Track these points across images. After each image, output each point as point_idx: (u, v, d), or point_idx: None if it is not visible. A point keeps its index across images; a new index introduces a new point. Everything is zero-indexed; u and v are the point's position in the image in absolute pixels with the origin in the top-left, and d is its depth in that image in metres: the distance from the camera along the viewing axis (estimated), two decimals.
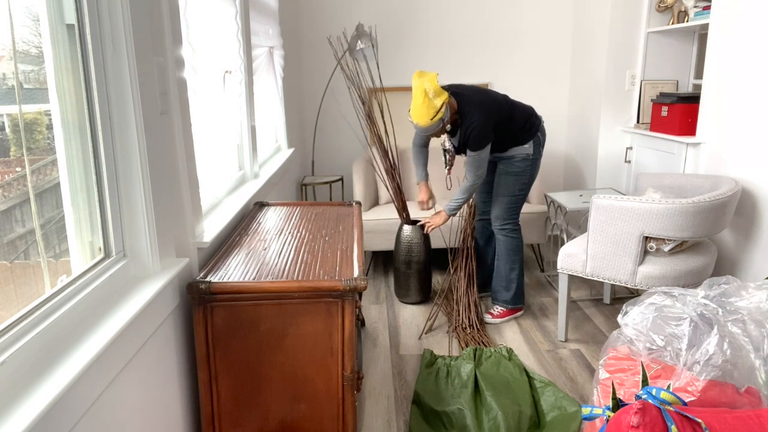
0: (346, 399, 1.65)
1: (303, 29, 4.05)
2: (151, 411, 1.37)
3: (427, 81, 2.47)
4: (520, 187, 2.77)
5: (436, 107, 2.46)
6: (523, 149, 2.72)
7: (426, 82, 2.46)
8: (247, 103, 2.53)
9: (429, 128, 2.53)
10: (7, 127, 1.05)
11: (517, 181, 2.75)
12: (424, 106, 2.46)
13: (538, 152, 2.75)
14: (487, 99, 2.62)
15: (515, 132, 2.68)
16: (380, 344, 2.67)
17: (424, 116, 2.48)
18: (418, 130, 2.59)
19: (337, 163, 4.27)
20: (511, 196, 2.78)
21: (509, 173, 2.75)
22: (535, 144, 2.73)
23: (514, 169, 2.74)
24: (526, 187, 2.79)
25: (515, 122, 2.67)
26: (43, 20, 1.16)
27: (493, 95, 2.67)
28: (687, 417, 1.30)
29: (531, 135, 2.71)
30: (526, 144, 2.71)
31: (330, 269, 1.67)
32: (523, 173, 2.75)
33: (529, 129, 2.70)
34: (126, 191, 1.37)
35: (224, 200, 2.24)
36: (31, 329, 1.02)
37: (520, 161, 2.73)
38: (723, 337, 1.50)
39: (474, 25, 4.05)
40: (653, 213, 2.23)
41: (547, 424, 2.03)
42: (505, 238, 2.84)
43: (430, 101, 2.45)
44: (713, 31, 2.72)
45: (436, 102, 2.45)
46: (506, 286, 2.87)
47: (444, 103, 2.47)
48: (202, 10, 1.96)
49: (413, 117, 2.52)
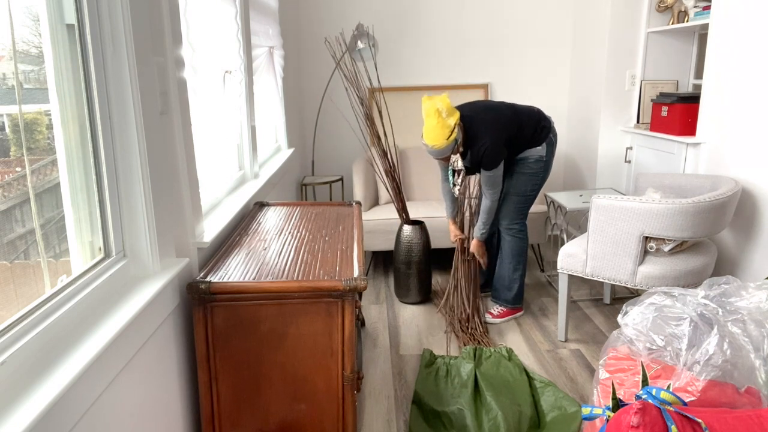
0: (346, 399, 1.65)
1: (303, 29, 4.05)
2: (151, 411, 1.37)
3: (438, 101, 2.44)
4: (532, 187, 2.76)
5: (451, 126, 2.44)
6: (536, 151, 2.71)
7: (438, 102, 2.44)
8: (247, 103, 2.53)
9: (444, 150, 2.49)
10: (7, 127, 1.05)
11: (529, 181, 2.75)
12: (439, 126, 2.43)
13: (550, 153, 2.74)
14: (495, 116, 2.59)
15: (527, 138, 2.67)
16: (380, 344, 2.67)
17: (439, 137, 2.44)
18: (432, 154, 2.54)
19: (337, 163, 4.27)
20: (523, 195, 2.77)
21: (523, 173, 2.74)
22: (548, 145, 2.72)
23: (528, 170, 2.73)
24: (538, 188, 2.79)
25: (525, 131, 2.65)
26: (43, 20, 1.16)
27: (500, 110, 2.63)
28: (687, 417, 1.30)
29: (543, 137, 2.70)
30: (539, 146, 2.70)
31: (330, 269, 1.67)
32: (536, 174, 2.74)
33: (540, 132, 2.69)
34: (126, 191, 1.37)
35: (224, 200, 2.24)
36: (31, 329, 1.02)
37: (533, 162, 2.72)
38: (723, 337, 1.50)
39: (474, 25, 4.05)
40: (653, 213, 2.23)
41: (547, 424, 2.03)
42: (512, 238, 2.83)
43: (444, 121, 2.43)
44: (713, 31, 2.72)
45: (449, 121, 2.44)
46: (508, 286, 2.87)
47: (456, 123, 2.46)
48: (202, 10, 1.96)
49: (427, 139, 2.48)
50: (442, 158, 2.58)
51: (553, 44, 4.09)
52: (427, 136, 2.48)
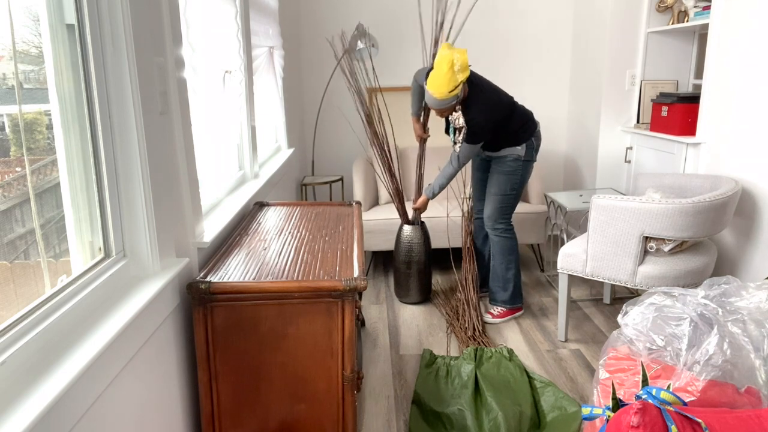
0: (346, 399, 1.65)
1: (303, 29, 4.05)
2: (151, 411, 1.37)
3: (457, 53, 2.41)
4: (512, 186, 2.78)
5: (457, 82, 2.42)
6: (515, 150, 2.73)
7: (456, 53, 2.41)
8: (247, 103, 2.53)
9: (442, 101, 2.48)
10: (7, 127, 1.05)
11: (508, 181, 2.77)
12: (446, 77, 2.41)
13: (530, 155, 2.77)
14: (496, 98, 2.62)
15: (510, 133, 2.70)
16: (380, 344, 2.67)
17: (442, 87, 2.42)
18: (428, 101, 2.52)
19: (337, 163, 4.27)
20: (503, 195, 2.79)
21: (501, 172, 2.77)
22: (528, 147, 2.74)
23: (505, 168, 2.76)
24: (518, 188, 2.81)
25: (512, 124, 2.69)
26: (43, 20, 1.16)
27: (503, 96, 2.68)
28: (687, 417, 1.30)
29: (525, 138, 2.72)
30: (518, 146, 2.73)
31: (330, 269, 1.67)
32: (514, 173, 2.76)
33: (523, 132, 2.72)
34: (126, 191, 1.37)
35: (224, 200, 2.24)
36: (31, 329, 1.02)
37: (511, 161, 2.75)
38: (723, 337, 1.50)
39: (473, 25, 4.04)
40: (653, 213, 2.23)
41: (548, 424, 2.03)
42: (498, 238, 2.84)
43: (454, 74, 2.41)
44: (713, 31, 2.72)
45: (458, 76, 2.42)
46: (503, 286, 2.88)
47: (463, 81, 2.44)
48: (202, 10, 1.96)
49: (431, 86, 2.46)
50: (436, 108, 2.57)
51: (553, 44, 4.09)
52: (432, 83, 2.46)
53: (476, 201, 3.04)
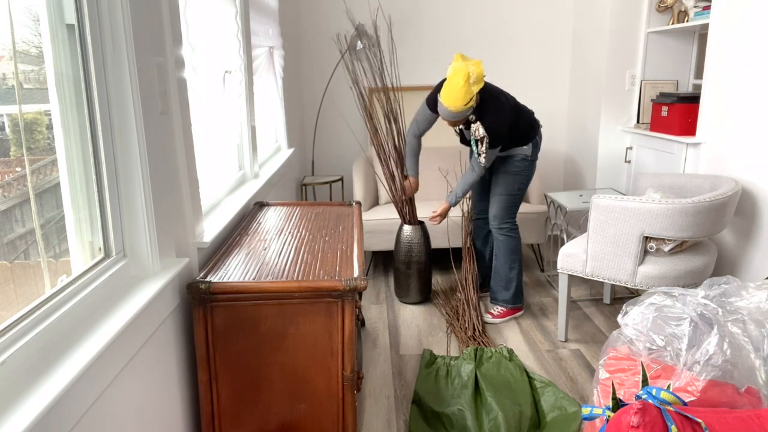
0: (346, 399, 1.65)
1: (303, 29, 4.05)
2: (151, 411, 1.37)
3: (472, 65, 2.40)
4: (519, 186, 2.79)
5: (472, 94, 2.42)
6: (522, 150, 2.75)
7: (471, 65, 2.40)
8: (247, 103, 2.53)
9: (457, 114, 2.47)
10: (7, 127, 1.05)
11: (515, 180, 2.78)
12: (463, 90, 2.39)
13: (535, 154, 2.79)
14: (504, 101, 2.62)
15: (518, 133, 2.71)
16: (380, 344, 2.67)
17: (459, 100, 2.41)
18: (443, 113, 2.51)
19: (337, 163, 4.27)
20: (510, 194, 2.79)
21: (508, 172, 2.77)
22: (534, 146, 2.77)
23: (513, 168, 2.77)
24: (524, 187, 2.82)
25: (520, 125, 2.70)
26: (43, 20, 1.16)
27: (509, 98, 2.68)
28: (687, 417, 1.30)
29: (531, 137, 2.74)
30: (525, 145, 2.74)
31: (330, 269, 1.67)
32: (522, 173, 2.77)
33: (529, 131, 2.73)
34: (126, 191, 1.37)
35: (224, 200, 2.24)
36: (31, 329, 1.02)
37: (519, 161, 2.76)
38: (723, 337, 1.50)
39: (473, 25, 4.05)
40: (653, 213, 2.23)
41: (548, 424, 2.03)
42: (504, 237, 2.84)
43: (469, 87, 2.40)
44: (713, 31, 2.72)
45: (473, 88, 2.41)
46: (505, 286, 2.88)
47: (476, 93, 2.45)
48: (202, 10, 1.96)
49: (445, 100, 2.44)
50: (450, 120, 2.56)
51: (553, 44, 4.09)
52: (447, 96, 2.43)
53: (476, 201, 3.04)
